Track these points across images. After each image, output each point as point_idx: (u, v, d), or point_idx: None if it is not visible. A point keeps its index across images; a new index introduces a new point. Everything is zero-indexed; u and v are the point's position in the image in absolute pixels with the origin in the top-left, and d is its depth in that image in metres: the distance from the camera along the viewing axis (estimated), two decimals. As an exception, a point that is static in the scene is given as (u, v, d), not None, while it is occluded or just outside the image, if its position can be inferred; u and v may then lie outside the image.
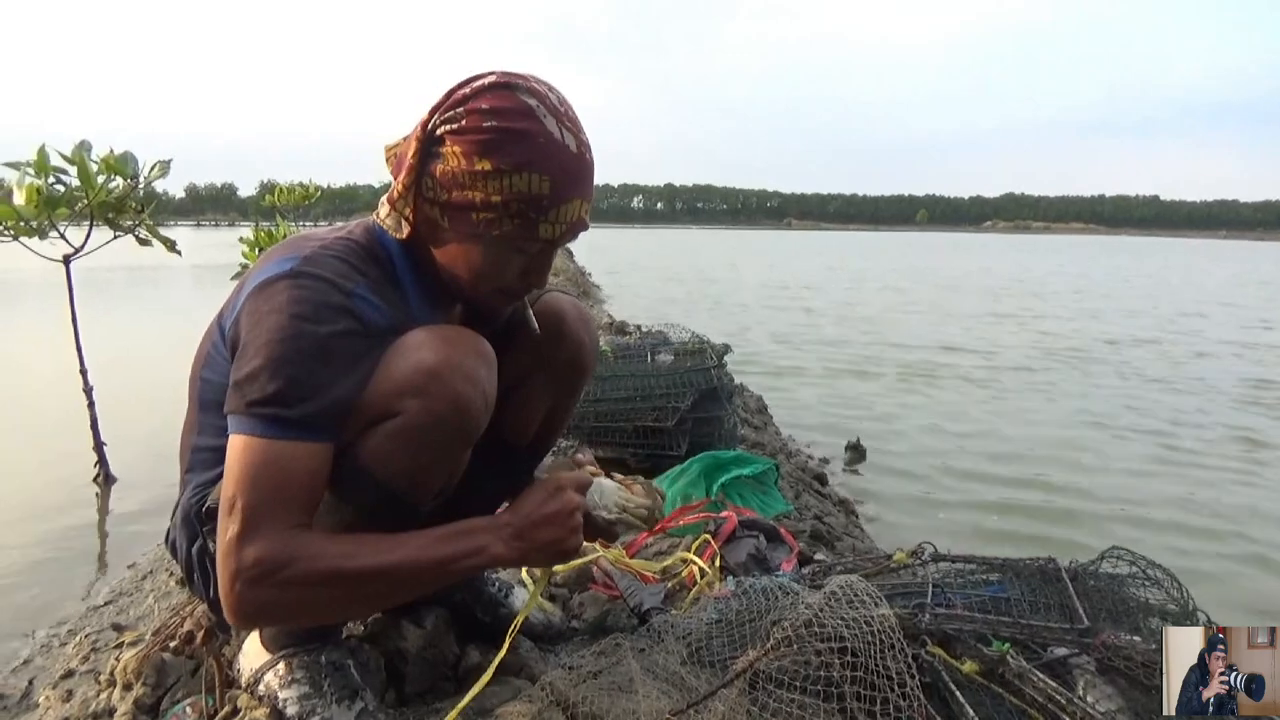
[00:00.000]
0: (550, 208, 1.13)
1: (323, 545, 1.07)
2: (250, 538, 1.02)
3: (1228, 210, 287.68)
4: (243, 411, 1.05)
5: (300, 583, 1.05)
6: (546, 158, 1.11)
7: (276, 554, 1.03)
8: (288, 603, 1.07)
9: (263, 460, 1.04)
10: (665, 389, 3.05)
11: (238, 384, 1.06)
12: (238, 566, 1.02)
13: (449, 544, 1.15)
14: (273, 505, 1.04)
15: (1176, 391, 7.54)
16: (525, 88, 1.12)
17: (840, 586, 1.30)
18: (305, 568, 1.04)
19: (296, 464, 1.06)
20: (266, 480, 1.04)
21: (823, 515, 3.06)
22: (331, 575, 1.06)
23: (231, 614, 1.06)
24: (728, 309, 14.06)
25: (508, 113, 1.10)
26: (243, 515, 1.03)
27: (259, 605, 1.05)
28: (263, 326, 1.07)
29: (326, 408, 1.07)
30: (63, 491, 3.69)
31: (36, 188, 3.45)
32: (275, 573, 1.03)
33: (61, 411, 4.25)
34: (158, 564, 2.64)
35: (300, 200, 7.02)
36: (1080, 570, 1.60)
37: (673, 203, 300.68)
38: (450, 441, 1.16)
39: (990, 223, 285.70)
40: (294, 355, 1.05)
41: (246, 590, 1.03)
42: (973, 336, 11.11)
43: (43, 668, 1.93)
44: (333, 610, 1.18)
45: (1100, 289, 20.77)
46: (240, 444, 1.05)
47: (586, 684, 1.30)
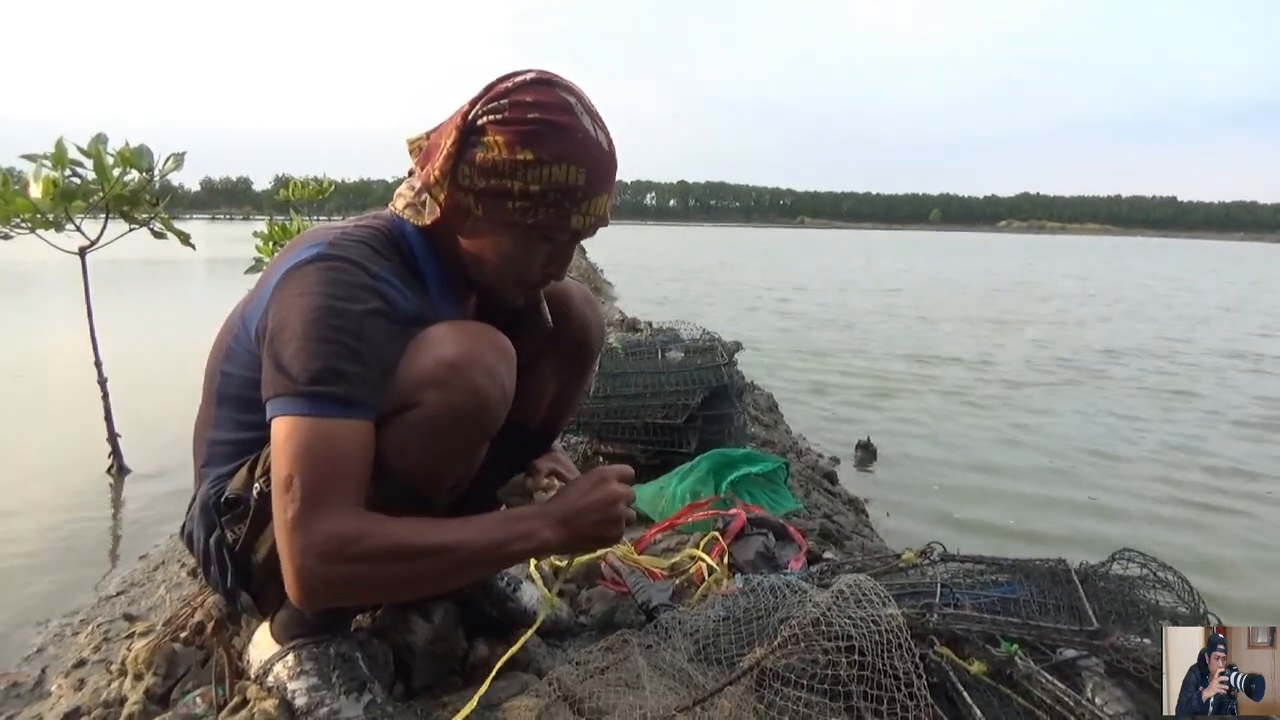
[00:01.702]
0: (584, 199, 1.17)
1: (389, 523, 1.08)
2: (317, 513, 1.03)
3: (1246, 212, 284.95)
4: (287, 392, 1.06)
5: (371, 558, 1.05)
6: (584, 151, 1.15)
7: (348, 529, 1.04)
8: (359, 578, 1.07)
9: (316, 437, 1.05)
10: (676, 386, 3.04)
11: (278, 367, 1.07)
12: (307, 542, 1.02)
13: (502, 528, 1.17)
14: (334, 481, 1.04)
15: (1191, 396, 7.48)
16: (564, 85, 1.18)
17: (848, 585, 1.30)
18: (376, 543, 1.05)
19: (349, 441, 1.07)
20: (324, 457, 1.04)
21: (832, 514, 3.05)
22: (400, 551, 1.07)
23: (300, 591, 1.05)
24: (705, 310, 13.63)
25: (550, 106, 1.14)
26: (303, 492, 1.03)
27: (331, 581, 1.05)
28: (297, 309, 1.08)
29: (367, 383, 1.08)
30: (76, 482, 3.71)
31: (53, 180, 3.48)
32: (346, 547, 1.03)
33: (76, 403, 4.29)
34: (169, 555, 2.66)
35: (314, 195, 7.02)
36: (1090, 572, 1.59)
37: (686, 200, 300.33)
38: (468, 434, 1.17)
39: (1005, 222, 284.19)
40: (333, 334, 1.07)
41: (320, 566, 1.03)
42: (978, 339, 11.06)
43: (55, 656, 1.94)
44: (396, 589, 1.19)
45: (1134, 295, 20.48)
46: (289, 424, 1.05)
47: (593, 679, 1.30)
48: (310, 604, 1.08)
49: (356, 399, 1.07)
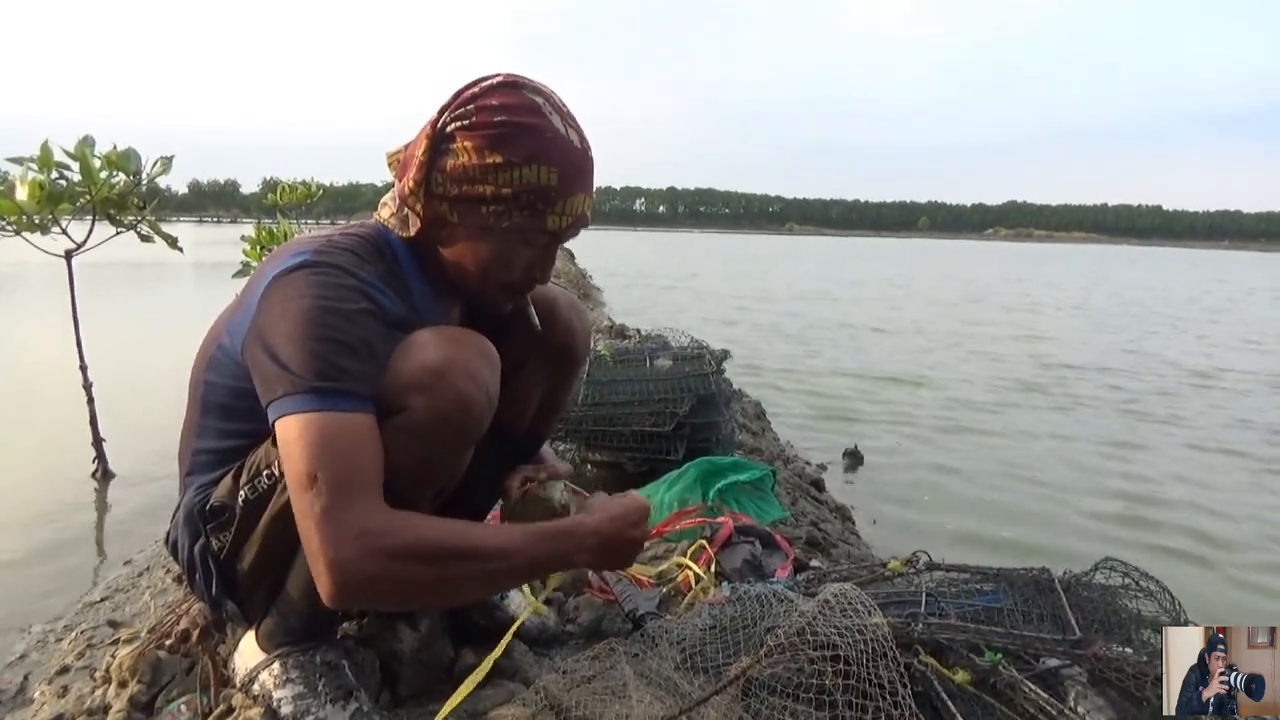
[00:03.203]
0: (558, 199, 1.17)
1: (424, 519, 1.07)
2: (349, 505, 1.01)
3: (1231, 220, 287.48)
4: (295, 390, 1.04)
5: (406, 556, 1.03)
6: (554, 151, 1.15)
7: (383, 522, 1.02)
8: (393, 575, 1.03)
9: (334, 431, 1.03)
10: (663, 394, 3.05)
11: (280, 369, 1.06)
12: (342, 534, 1.00)
13: (542, 545, 1.17)
14: (359, 473, 1.03)
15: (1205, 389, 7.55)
16: (531, 86, 1.17)
17: (834, 594, 1.30)
18: (412, 538, 1.04)
19: (365, 433, 1.06)
20: (344, 449, 1.03)
21: (819, 521, 3.06)
22: (436, 552, 1.06)
23: (335, 587, 1.01)
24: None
25: (517, 108, 1.14)
26: (330, 485, 1.00)
27: (369, 575, 1.02)
28: (290, 312, 1.08)
29: (370, 380, 1.08)
30: (61, 487, 3.68)
31: (40, 183, 3.46)
32: (382, 540, 1.01)
33: (61, 407, 4.25)
34: (154, 561, 2.64)
35: (302, 199, 7.02)
36: (1073, 581, 1.60)
37: (675, 206, 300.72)
38: (453, 439, 1.17)
39: (992, 230, 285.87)
40: (330, 332, 1.07)
41: (358, 559, 1.00)
42: (962, 349, 11.11)
43: (38, 663, 1.93)
44: (430, 590, 1.12)
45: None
46: (300, 422, 1.03)
47: (580, 688, 1.30)
48: (345, 600, 1.03)
49: (361, 393, 1.07)
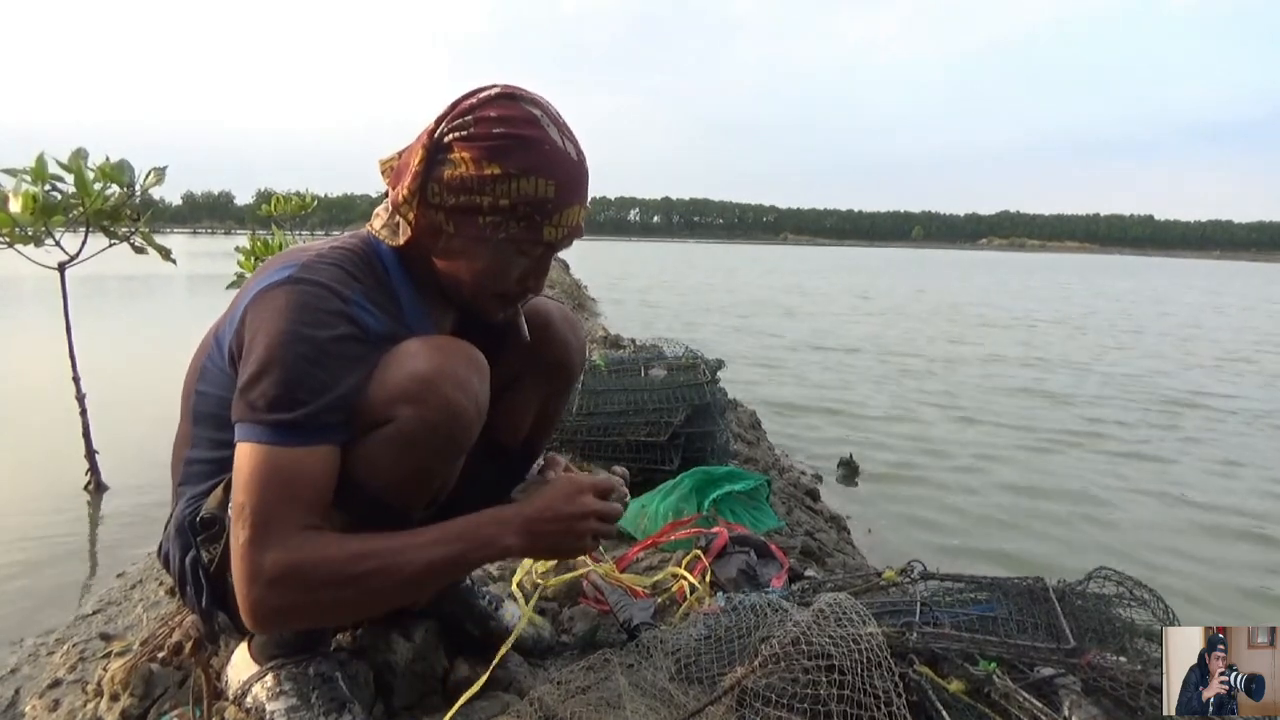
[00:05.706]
0: (554, 211, 1.17)
1: (336, 545, 1.08)
2: (263, 542, 1.04)
3: (1222, 231, 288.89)
4: (247, 419, 1.07)
5: (316, 584, 1.06)
6: (551, 163, 1.15)
7: (289, 557, 1.04)
8: (305, 604, 1.08)
9: (268, 466, 1.06)
10: (658, 403, 3.05)
11: (242, 391, 1.08)
12: (254, 570, 1.04)
13: (462, 540, 1.16)
14: (280, 509, 1.05)
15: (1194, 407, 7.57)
16: (528, 98, 1.18)
17: (829, 604, 1.30)
18: (320, 569, 1.06)
19: (302, 468, 1.07)
20: (273, 485, 1.05)
21: (814, 531, 3.06)
22: (346, 576, 1.07)
23: (250, 618, 1.07)
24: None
25: (515, 120, 1.14)
26: (251, 520, 1.04)
27: (277, 608, 1.06)
28: (263, 333, 1.09)
29: (329, 409, 1.08)
30: (53, 499, 3.67)
31: (33, 195, 3.45)
32: (290, 575, 1.04)
33: (54, 419, 4.23)
34: (147, 573, 2.63)
35: (297, 210, 7.01)
36: (1067, 590, 1.60)
37: (669, 216, 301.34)
38: (443, 449, 1.17)
39: (985, 240, 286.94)
40: (294, 360, 1.07)
41: (265, 593, 1.04)
42: (959, 358, 11.14)
43: (29, 676, 1.91)
44: (348, 609, 1.17)
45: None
46: (247, 451, 1.07)
47: (575, 699, 1.30)
48: (261, 630, 1.11)
49: (314, 425, 1.08)
